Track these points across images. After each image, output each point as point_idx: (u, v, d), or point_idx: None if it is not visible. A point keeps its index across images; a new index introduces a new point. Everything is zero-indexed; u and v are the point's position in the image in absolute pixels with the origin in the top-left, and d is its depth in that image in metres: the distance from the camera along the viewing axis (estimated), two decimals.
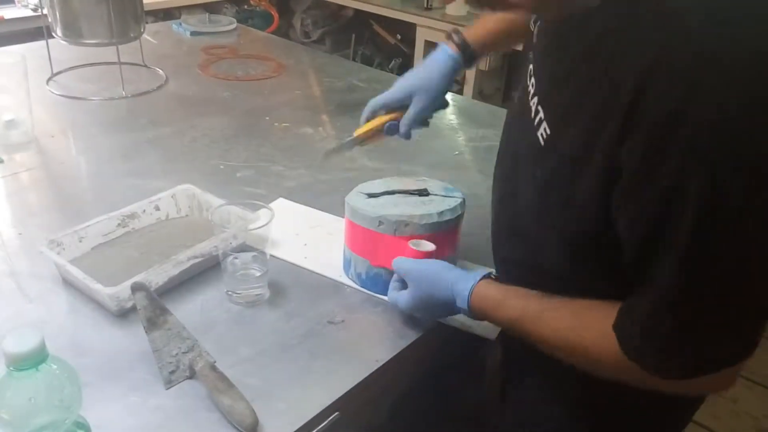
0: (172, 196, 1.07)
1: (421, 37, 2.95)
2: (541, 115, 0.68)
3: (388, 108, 1.05)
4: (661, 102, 0.53)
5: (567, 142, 0.64)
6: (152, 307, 0.82)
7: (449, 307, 0.82)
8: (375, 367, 0.83)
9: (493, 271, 0.86)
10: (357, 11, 3.40)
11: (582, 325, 0.69)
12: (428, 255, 0.87)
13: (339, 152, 1.09)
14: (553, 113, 0.67)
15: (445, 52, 1.04)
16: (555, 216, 0.68)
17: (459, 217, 0.94)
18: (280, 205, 1.17)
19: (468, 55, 1.04)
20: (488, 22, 1.06)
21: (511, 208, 0.80)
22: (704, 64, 0.51)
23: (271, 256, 0.96)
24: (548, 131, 0.67)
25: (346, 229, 0.97)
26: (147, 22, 1.83)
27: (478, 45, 1.04)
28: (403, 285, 0.88)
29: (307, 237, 1.08)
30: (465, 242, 1.01)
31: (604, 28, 0.59)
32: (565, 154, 0.64)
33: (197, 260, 0.95)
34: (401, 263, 0.87)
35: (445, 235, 0.92)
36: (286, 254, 1.03)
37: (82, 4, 1.53)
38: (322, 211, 1.15)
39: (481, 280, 0.80)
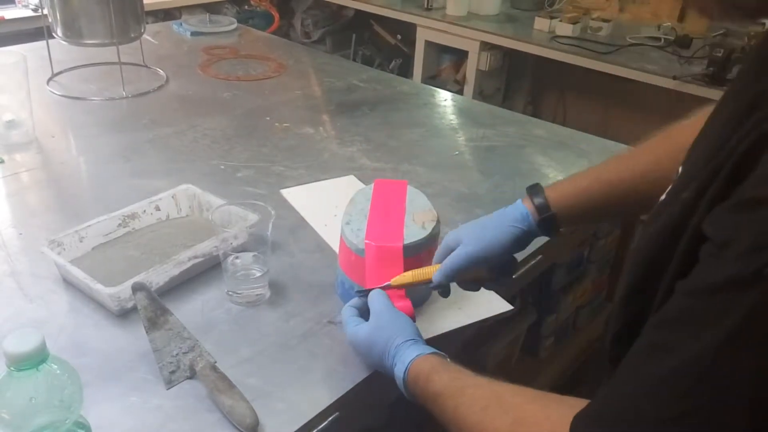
0: (172, 196, 1.07)
1: (421, 37, 2.94)
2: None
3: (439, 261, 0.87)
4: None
5: (678, 204, 0.49)
6: (153, 307, 0.82)
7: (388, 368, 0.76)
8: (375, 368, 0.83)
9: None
10: (357, 11, 3.40)
11: (503, 406, 0.61)
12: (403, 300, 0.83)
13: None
14: (682, 171, 0.54)
15: (518, 208, 0.84)
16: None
17: (430, 241, 0.89)
18: (350, 181, 1.27)
19: (547, 220, 0.82)
20: (581, 179, 0.84)
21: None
22: None
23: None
24: (668, 189, 0.55)
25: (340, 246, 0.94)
26: (147, 23, 1.83)
27: (562, 208, 0.82)
28: (361, 313, 0.83)
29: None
30: None
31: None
32: (672, 216, 0.49)
33: (198, 260, 0.95)
34: (376, 299, 0.80)
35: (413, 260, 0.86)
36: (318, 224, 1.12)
37: (82, 4, 1.53)
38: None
39: (417, 357, 0.72)
